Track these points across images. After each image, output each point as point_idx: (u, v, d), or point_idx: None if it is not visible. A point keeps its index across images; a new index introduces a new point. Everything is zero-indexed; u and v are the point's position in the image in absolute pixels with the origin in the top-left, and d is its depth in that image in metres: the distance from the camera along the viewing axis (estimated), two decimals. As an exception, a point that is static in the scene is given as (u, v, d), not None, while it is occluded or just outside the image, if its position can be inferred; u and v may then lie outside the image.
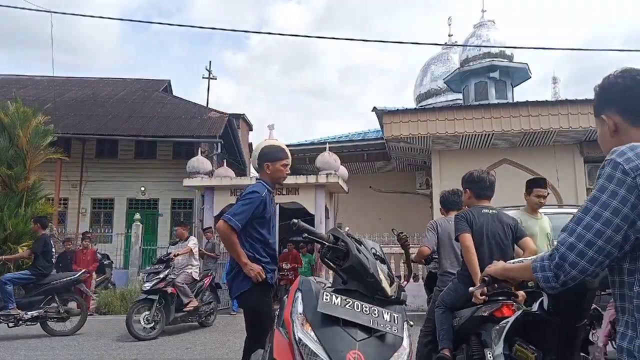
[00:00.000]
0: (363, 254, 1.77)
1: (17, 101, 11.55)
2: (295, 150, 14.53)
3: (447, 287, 3.42)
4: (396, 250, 9.44)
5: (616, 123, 1.30)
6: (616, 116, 1.30)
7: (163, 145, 17.65)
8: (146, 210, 17.20)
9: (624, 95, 1.28)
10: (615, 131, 1.30)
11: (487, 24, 15.84)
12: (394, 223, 8.08)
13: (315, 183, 10.92)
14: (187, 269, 7.59)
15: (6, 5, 9.23)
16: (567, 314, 2.10)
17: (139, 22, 74.92)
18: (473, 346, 2.88)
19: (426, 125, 11.78)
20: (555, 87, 26.88)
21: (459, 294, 3.16)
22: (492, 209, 3.27)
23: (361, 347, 1.62)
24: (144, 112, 17.96)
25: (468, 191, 3.40)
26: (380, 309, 1.74)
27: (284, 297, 2.03)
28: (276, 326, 1.93)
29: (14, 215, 10.81)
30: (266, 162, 3.38)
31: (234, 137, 18.53)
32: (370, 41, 19.99)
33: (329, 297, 1.72)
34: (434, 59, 19.69)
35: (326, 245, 1.83)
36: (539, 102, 11.82)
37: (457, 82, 16.00)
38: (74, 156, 16.49)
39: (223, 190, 11.57)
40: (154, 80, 23.09)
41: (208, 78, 24.82)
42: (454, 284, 3.29)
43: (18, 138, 11.24)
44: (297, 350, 1.64)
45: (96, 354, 5.83)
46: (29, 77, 22.30)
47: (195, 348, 6.20)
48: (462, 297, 3.11)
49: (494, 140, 12.16)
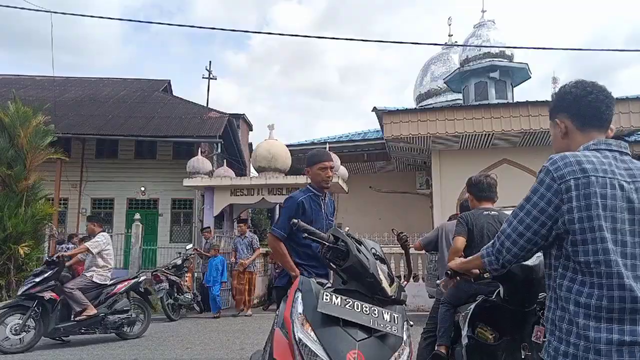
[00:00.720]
0: (363, 254, 1.77)
1: (17, 101, 11.55)
2: (295, 150, 14.53)
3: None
4: (396, 250, 9.44)
5: (567, 126, 1.52)
6: (567, 120, 1.53)
7: (163, 145, 17.64)
8: (146, 210, 17.20)
9: (575, 102, 1.50)
10: (565, 134, 1.53)
11: (487, 24, 15.82)
12: (394, 223, 8.08)
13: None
14: (88, 271, 6.51)
15: (6, 5, 9.22)
16: (518, 300, 2.54)
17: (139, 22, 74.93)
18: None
19: (426, 125, 11.78)
20: (555, 87, 26.83)
21: (459, 289, 3.28)
22: (492, 210, 3.35)
23: (361, 347, 1.62)
24: (144, 112, 17.96)
25: (469, 195, 3.55)
26: (380, 309, 1.74)
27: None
28: (276, 326, 1.93)
29: (14, 215, 10.82)
30: (306, 167, 3.32)
31: (234, 137, 18.53)
32: (370, 41, 20.03)
33: (329, 297, 1.72)
34: (434, 59, 19.68)
35: (326, 245, 1.82)
36: (539, 102, 11.81)
37: (457, 82, 15.99)
38: (74, 156, 16.49)
39: (223, 190, 11.56)
40: (154, 80, 23.10)
41: (208, 78, 24.86)
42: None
43: (18, 138, 11.25)
44: (297, 350, 1.64)
45: (96, 354, 5.83)
46: (29, 77, 22.31)
47: (195, 348, 6.20)
48: (462, 292, 3.27)
49: (494, 140, 12.16)
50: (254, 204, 12.06)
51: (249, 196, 11.43)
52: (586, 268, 1.30)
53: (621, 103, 11.54)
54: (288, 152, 11.83)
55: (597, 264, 1.28)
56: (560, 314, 1.35)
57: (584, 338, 1.27)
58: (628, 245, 1.30)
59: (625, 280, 1.26)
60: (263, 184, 11.14)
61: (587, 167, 1.34)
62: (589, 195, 1.31)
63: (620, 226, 1.31)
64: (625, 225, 1.31)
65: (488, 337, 2.61)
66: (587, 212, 1.30)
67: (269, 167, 11.16)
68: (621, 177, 1.35)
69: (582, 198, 1.31)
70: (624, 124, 11.43)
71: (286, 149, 11.90)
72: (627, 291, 1.26)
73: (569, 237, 1.33)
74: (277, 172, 11.21)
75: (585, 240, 1.30)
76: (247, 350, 5.64)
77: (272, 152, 11.22)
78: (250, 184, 11.37)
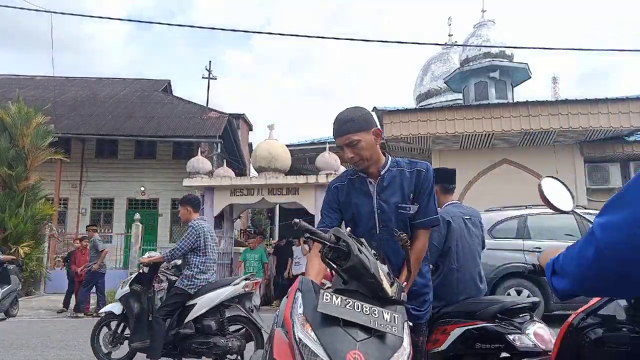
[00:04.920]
0: (364, 254, 1.77)
1: (19, 101, 11.55)
2: (295, 150, 14.53)
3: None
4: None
5: None
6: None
7: (163, 145, 17.65)
8: (146, 210, 17.20)
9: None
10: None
11: (487, 24, 15.84)
12: (394, 223, 8.06)
13: (315, 183, 10.91)
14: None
15: (6, 6, 9.23)
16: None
17: (139, 22, 74.96)
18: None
19: (426, 125, 11.79)
20: (555, 87, 26.89)
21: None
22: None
23: (361, 348, 1.62)
24: (143, 112, 17.97)
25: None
26: (380, 309, 1.74)
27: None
28: (276, 326, 1.93)
29: (15, 215, 10.83)
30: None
31: (234, 137, 18.54)
32: (370, 41, 20.04)
33: (329, 298, 1.71)
34: (434, 59, 19.70)
35: (327, 246, 1.82)
36: (539, 102, 11.83)
37: (457, 82, 16.00)
38: (74, 156, 16.50)
39: (223, 190, 11.56)
40: (154, 80, 23.12)
41: (208, 78, 24.84)
42: None
43: (20, 138, 11.25)
44: (297, 350, 1.64)
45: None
46: (29, 77, 22.32)
47: (195, 348, 6.18)
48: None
49: (494, 140, 12.17)
50: (254, 204, 12.06)
51: (249, 196, 11.43)
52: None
53: (621, 103, 11.55)
54: (288, 152, 11.83)
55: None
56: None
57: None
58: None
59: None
60: (263, 184, 11.14)
61: None
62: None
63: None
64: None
65: None
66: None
67: (268, 167, 11.16)
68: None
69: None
70: (624, 124, 11.44)
71: (286, 149, 11.90)
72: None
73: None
74: (277, 172, 11.21)
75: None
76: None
77: (272, 152, 11.21)
78: (250, 184, 11.37)
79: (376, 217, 2.12)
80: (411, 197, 2.12)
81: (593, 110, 11.46)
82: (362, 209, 2.15)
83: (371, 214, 2.13)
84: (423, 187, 2.12)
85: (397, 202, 2.10)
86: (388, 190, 2.12)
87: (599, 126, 11.44)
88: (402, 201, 2.10)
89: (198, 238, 4.45)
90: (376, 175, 2.15)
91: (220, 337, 4.41)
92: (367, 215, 2.14)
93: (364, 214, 2.14)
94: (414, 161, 2.20)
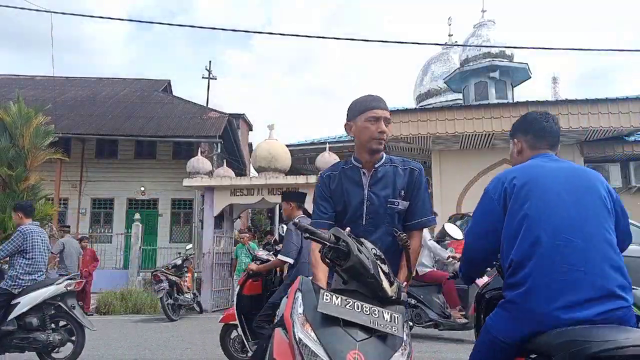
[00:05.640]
0: (364, 254, 1.77)
1: (20, 101, 11.53)
2: (295, 150, 14.52)
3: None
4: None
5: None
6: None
7: (163, 145, 17.64)
8: (146, 210, 17.20)
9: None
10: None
11: (487, 24, 15.84)
12: (394, 223, 8.05)
13: (315, 183, 10.92)
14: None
15: (6, 6, 9.23)
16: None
17: (139, 22, 75.01)
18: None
19: (426, 125, 11.79)
20: (555, 87, 26.90)
21: None
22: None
23: (362, 348, 1.62)
24: (143, 112, 17.96)
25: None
26: (380, 309, 1.74)
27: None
28: (276, 326, 1.93)
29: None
30: (347, 123, 2.28)
31: (234, 137, 18.53)
32: (370, 41, 20.02)
33: (329, 297, 1.72)
34: (434, 59, 19.70)
35: (327, 245, 1.82)
36: (539, 102, 11.84)
37: (457, 82, 16.00)
38: (74, 156, 16.49)
39: (223, 190, 11.56)
40: (154, 80, 23.11)
41: (208, 78, 24.85)
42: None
43: (20, 138, 11.23)
44: (297, 350, 1.64)
45: (96, 354, 5.82)
46: (29, 77, 22.32)
47: (195, 348, 6.20)
48: None
49: (494, 140, 12.17)
50: (254, 204, 12.05)
51: (249, 196, 11.42)
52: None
53: (621, 103, 11.56)
54: (288, 152, 11.82)
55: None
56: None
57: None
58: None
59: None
60: (263, 184, 11.13)
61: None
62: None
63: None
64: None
65: None
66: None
67: (268, 167, 11.15)
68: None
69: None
70: (624, 124, 11.45)
71: (286, 149, 11.89)
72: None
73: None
74: (277, 172, 11.20)
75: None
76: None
77: (272, 152, 11.21)
78: (250, 184, 11.36)
79: (365, 208, 2.13)
80: (402, 193, 2.14)
81: (593, 110, 11.46)
82: (352, 199, 2.15)
83: (360, 205, 2.14)
84: (415, 186, 2.16)
85: (387, 195, 2.12)
86: (380, 183, 2.15)
87: (599, 126, 11.44)
88: (392, 196, 2.12)
89: (25, 241, 4.90)
90: (370, 167, 2.18)
91: (41, 332, 4.77)
92: (355, 206, 2.15)
93: (353, 204, 2.15)
94: (407, 160, 2.25)
